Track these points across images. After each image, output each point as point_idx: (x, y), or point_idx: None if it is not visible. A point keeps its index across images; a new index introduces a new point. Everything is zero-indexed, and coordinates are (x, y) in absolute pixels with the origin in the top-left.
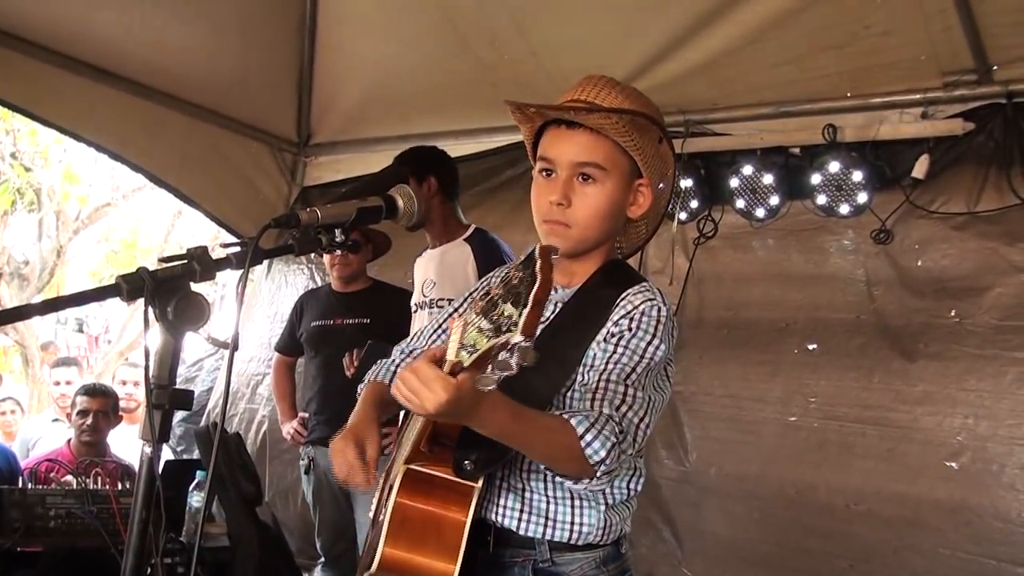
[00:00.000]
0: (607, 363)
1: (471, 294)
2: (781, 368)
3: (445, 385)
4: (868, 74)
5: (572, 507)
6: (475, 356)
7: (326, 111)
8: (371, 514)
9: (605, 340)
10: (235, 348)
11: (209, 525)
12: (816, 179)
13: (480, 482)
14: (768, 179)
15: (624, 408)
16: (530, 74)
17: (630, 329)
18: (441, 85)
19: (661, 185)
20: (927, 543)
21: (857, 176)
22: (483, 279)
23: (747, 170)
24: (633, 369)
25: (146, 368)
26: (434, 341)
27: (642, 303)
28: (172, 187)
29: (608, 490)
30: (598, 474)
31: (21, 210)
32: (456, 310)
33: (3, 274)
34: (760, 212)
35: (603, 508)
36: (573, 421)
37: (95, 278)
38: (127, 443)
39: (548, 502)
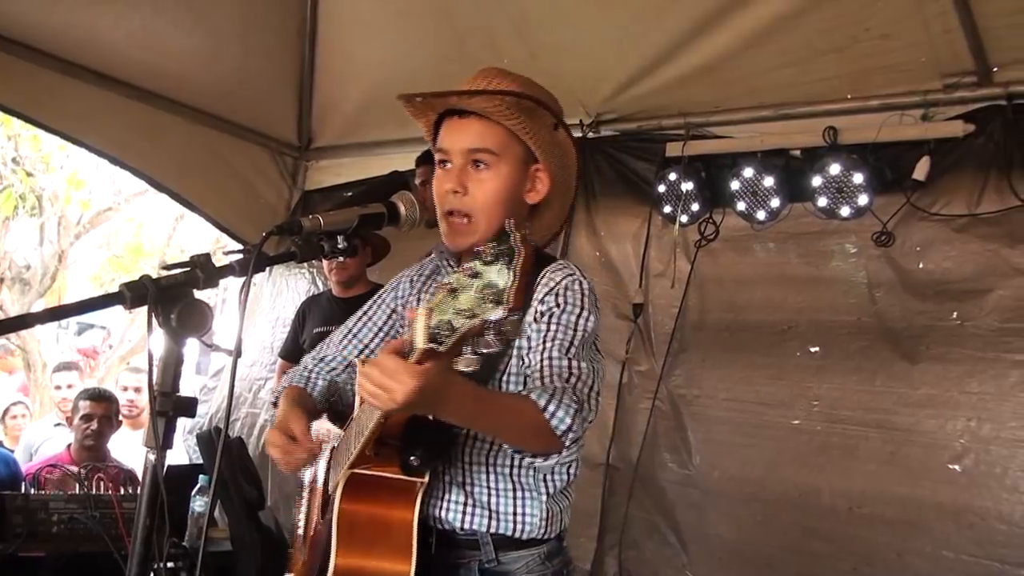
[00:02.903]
0: (544, 342)
1: (381, 296)
2: (784, 371)
3: (413, 373)
4: (868, 76)
5: (514, 498)
6: (456, 336)
7: (327, 115)
8: (299, 531)
9: (536, 320)
10: (239, 354)
11: (211, 529)
12: (817, 181)
13: (427, 477)
14: (769, 181)
15: (573, 379)
16: (530, 77)
17: (558, 305)
18: (441, 88)
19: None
20: (930, 546)
21: (858, 178)
22: (395, 279)
23: (748, 172)
24: (571, 343)
25: (149, 375)
26: (345, 347)
27: (563, 279)
28: (173, 192)
29: (548, 477)
30: (567, 443)
31: (23, 215)
32: (366, 313)
33: (4, 279)
34: (761, 214)
35: (545, 498)
36: (533, 396)
37: (96, 283)
38: (129, 448)
39: (491, 494)
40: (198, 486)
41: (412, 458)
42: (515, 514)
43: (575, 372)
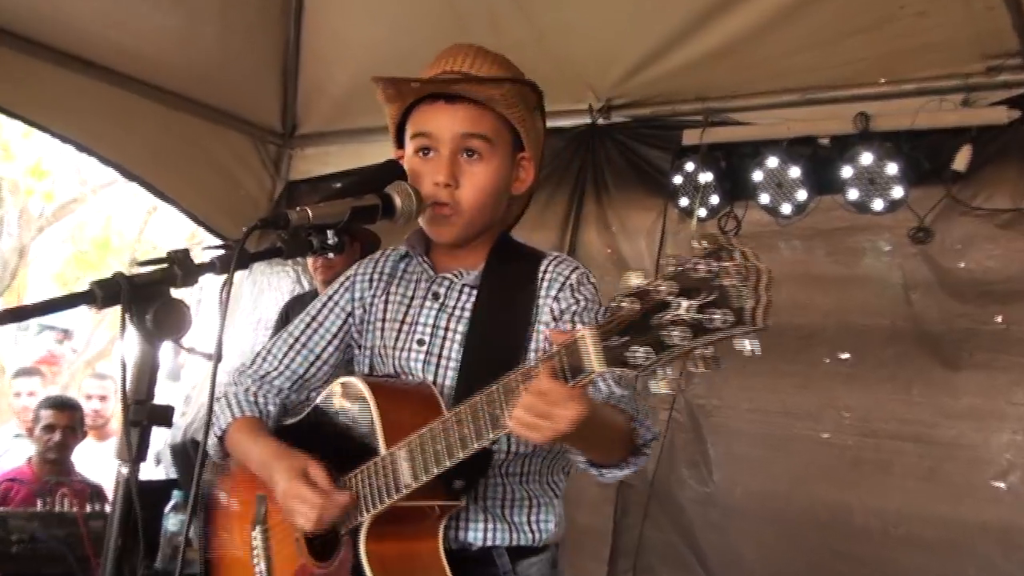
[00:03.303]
0: None
1: (331, 298)
2: (811, 379)
3: (579, 399)
4: (903, 58)
5: (529, 507)
6: (672, 356)
7: (313, 99)
8: (256, 560)
9: (556, 320)
10: (219, 359)
11: (187, 551)
12: (847, 172)
13: (464, 500)
14: (795, 172)
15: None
16: (535, 60)
17: (577, 302)
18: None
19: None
20: (973, 570)
21: (892, 169)
22: (345, 278)
23: (772, 162)
24: None
25: (123, 381)
26: (293, 360)
27: (572, 273)
28: (145, 182)
29: (551, 479)
30: (647, 452)
31: None
32: (315, 319)
33: None
34: (786, 208)
35: (556, 501)
36: (622, 404)
37: (60, 281)
38: (95, 461)
39: (504, 505)
40: (172, 503)
41: (456, 482)
42: (530, 523)
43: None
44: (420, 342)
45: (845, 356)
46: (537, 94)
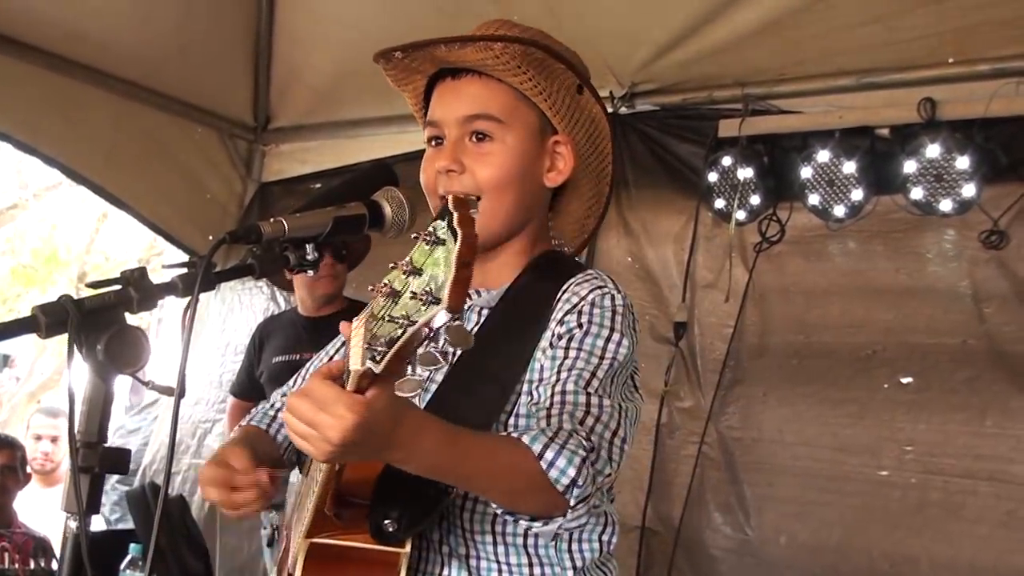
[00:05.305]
0: (559, 371)
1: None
2: (868, 408)
3: (351, 404)
4: (975, 34)
5: None
6: (390, 355)
7: (289, 87)
8: None
9: (552, 345)
10: (182, 394)
11: None
12: (910, 167)
13: (407, 547)
14: (849, 168)
15: (590, 420)
16: None
17: (580, 326)
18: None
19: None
20: None
21: (962, 163)
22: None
23: (822, 157)
24: (593, 374)
25: (71, 422)
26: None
27: (590, 293)
28: (96, 184)
29: (575, 547)
30: (572, 503)
31: None
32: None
33: None
34: (839, 210)
35: (571, 573)
36: (525, 439)
37: None
38: (41, 510)
39: (500, 570)
40: (128, 558)
41: (387, 522)
42: None
43: (593, 411)
44: None
45: (907, 380)
46: (571, 67)
